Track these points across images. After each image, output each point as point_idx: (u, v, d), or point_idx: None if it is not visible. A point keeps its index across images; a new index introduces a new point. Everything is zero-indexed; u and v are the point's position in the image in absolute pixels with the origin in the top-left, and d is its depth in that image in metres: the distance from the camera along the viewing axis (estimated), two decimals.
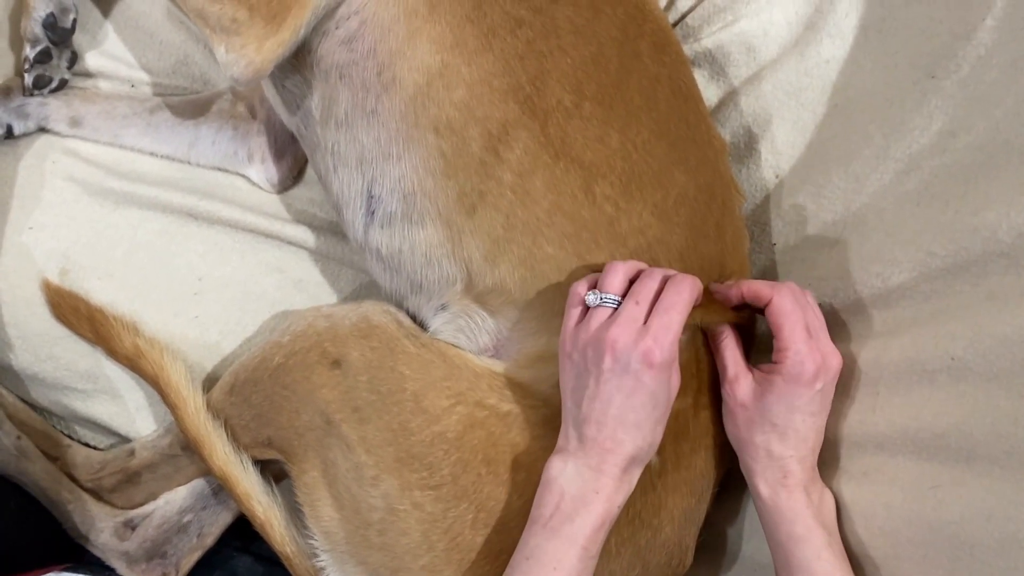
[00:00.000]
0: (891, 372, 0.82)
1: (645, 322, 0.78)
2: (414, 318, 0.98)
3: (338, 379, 0.90)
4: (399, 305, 0.98)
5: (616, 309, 0.80)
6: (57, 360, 1.05)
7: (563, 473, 0.80)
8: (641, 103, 0.89)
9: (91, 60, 1.14)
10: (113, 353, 1.02)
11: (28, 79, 1.07)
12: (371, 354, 0.90)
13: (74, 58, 1.10)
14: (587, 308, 0.82)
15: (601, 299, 0.81)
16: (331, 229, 1.12)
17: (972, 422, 0.73)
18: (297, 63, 0.94)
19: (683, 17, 1.06)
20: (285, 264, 1.11)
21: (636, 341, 0.77)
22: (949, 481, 0.74)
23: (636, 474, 0.81)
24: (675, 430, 0.86)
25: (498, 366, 0.92)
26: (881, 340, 0.85)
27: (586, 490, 0.78)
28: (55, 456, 1.06)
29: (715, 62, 1.05)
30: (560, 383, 0.84)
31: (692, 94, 0.94)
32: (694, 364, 0.87)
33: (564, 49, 0.88)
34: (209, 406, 0.98)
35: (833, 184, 0.93)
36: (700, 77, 1.06)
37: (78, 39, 1.11)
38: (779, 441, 0.81)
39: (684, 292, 0.79)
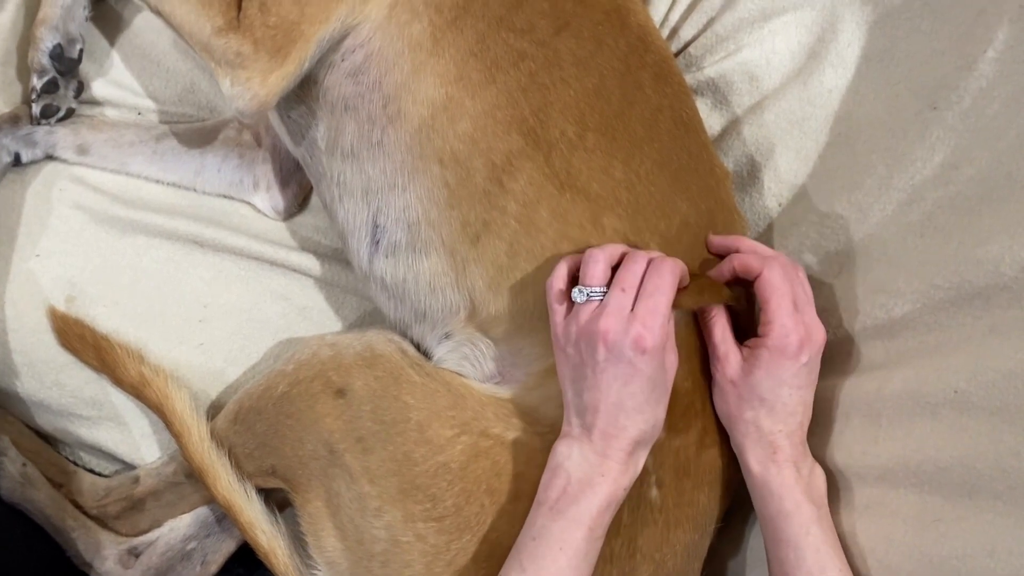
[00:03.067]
0: (894, 403, 0.82)
1: (632, 308, 0.79)
2: (418, 346, 0.98)
3: (342, 408, 0.90)
4: (403, 334, 0.99)
5: (602, 300, 0.80)
6: (63, 387, 1.06)
7: (569, 458, 0.80)
8: (644, 134, 0.89)
9: (98, 88, 1.14)
10: (118, 381, 1.03)
11: (36, 109, 1.08)
12: (375, 383, 0.91)
13: (81, 87, 1.11)
14: (570, 302, 0.83)
15: (588, 294, 0.81)
16: (336, 257, 1.13)
17: (975, 456, 0.73)
18: (303, 94, 0.95)
19: (686, 47, 1.06)
20: (290, 292, 1.12)
21: (626, 329, 0.78)
22: (952, 515, 0.74)
23: (642, 456, 0.82)
24: (676, 466, 0.86)
25: (504, 392, 0.93)
26: (884, 371, 0.85)
27: (592, 473, 0.79)
28: (60, 483, 1.06)
29: (718, 91, 1.05)
30: (558, 374, 0.85)
31: (694, 124, 0.95)
32: (699, 402, 0.87)
33: (567, 81, 0.89)
34: (213, 434, 0.98)
35: (836, 214, 0.93)
36: (703, 106, 1.06)
37: (85, 67, 1.12)
38: (768, 416, 0.82)
39: (666, 274, 0.80)
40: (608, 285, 0.81)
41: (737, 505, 0.93)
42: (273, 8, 0.87)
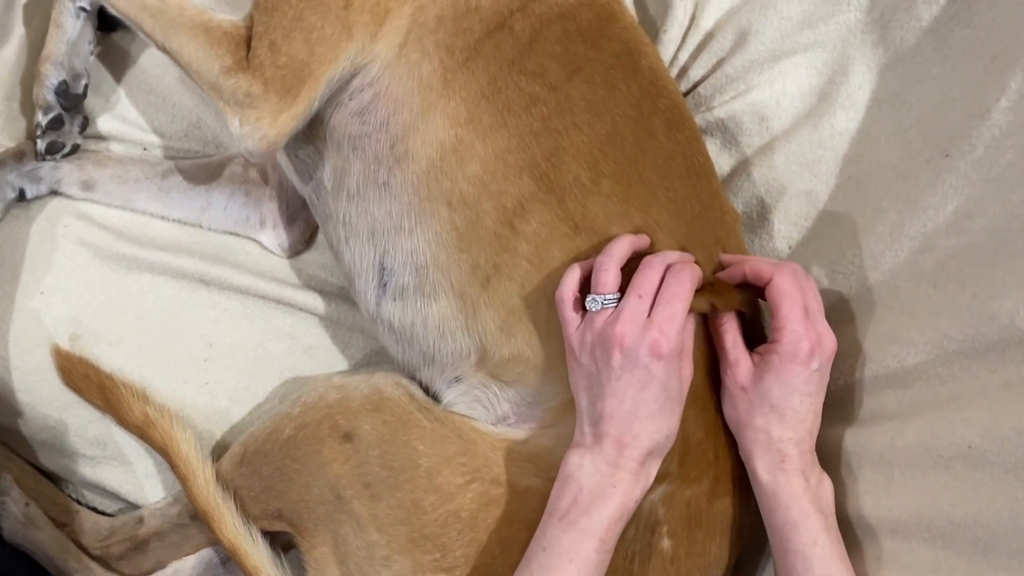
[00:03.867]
0: (906, 455, 0.82)
1: (649, 314, 0.79)
2: (427, 390, 0.97)
3: (349, 453, 0.90)
4: (412, 376, 0.98)
5: (616, 306, 0.80)
6: (67, 426, 1.05)
7: (580, 468, 0.80)
8: (657, 182, 0.89)
9: (104, 123, 1.14)
10: (123, 421, 1.02)
11: (40, 145, 1.07)
12: (383, 428, 0.90)
13: (86, 123, 1.10)
14: (584, 309, 0.83)
15: (602, 302, 0.81)
16: (342, 295, 1.12)
17: (990, 513, 0.72)
18: (310, 133, 0.94)
19: (695, 86, 1.06)
20: (296, 330, 1.11)
21: (642, 335, 0.78)
22: (965, 572, 0.73)
23: (654, 468, 0.81)
24: (688, 517, 0.86)
25: (518, 434, 0.92)
26: (896, 421, 0.84)
27: (604, 484, 0.79)
28: (63, 522, 1.06)
29: (727, 131, 1.05)
30: (571, 384, 0.84)
31: (705, 171, 0.94)
32: (712, 452, 0.87)
33: (579, 127, 0.88)
34: (219, 476, 0.97)
35: (847, 259, 0.93)
36: (712, 146, 1.06)
37: (90, 102, 1.12)
38: (778, 423, 0.82)
39: (685, 281, 0.80)
40: (620, 291, 0.81)
41: (747, 554, 0.92)
42: (283, 47, 0.87)
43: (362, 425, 0.90)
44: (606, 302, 0.81)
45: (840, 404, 0.91)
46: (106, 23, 1.10)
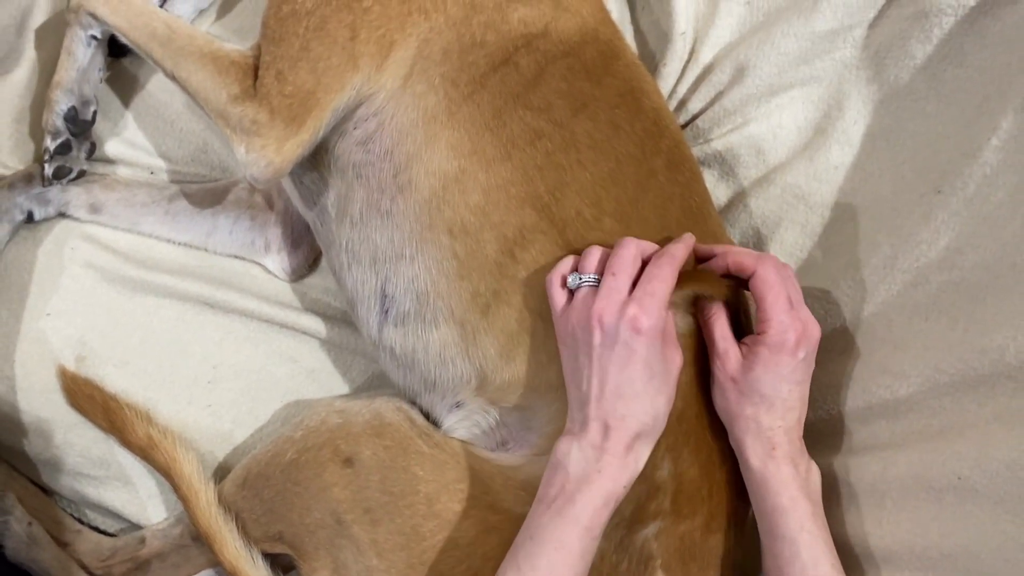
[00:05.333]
0: (898, 486, 0.83)
1: (631, 293, 0.80)
2: (427, 415, 0.98)
3: (350, 478, 0.91)
4: (412, 402, 0.99)
5: (595, 287, 0.82)
6: (71, 446, 1.06)
7: (568, 455, 0.81)
8: (656, 222, 0.90)
9: (111, 147, 1.15)
10: (126, 443, 1.03)
11: (48, 170, 1.09)
12: (384, 453, 0.91)
13: (93, 148, 1.12)
14: (571, 294, 0.84)
15: (581, 279, 0.83)
16: (344, 319, 1.14)
17: (980, 545, 0.74)
18: (314, 160, 0.96)
19: (693, 119, 1.08)
20: (298, 354, 1.13)
21: (620, 311, 0.79)
22: None
23: (642, 453, 0.82)
24: (682, 551, 0.86)
25: (515, 460, 0.93)
26: (888, 452, 0.86)
27: (589, 470, 0.79)
28: (65, 542, 1.07)
29: (724, 163, 1.07)
30: (563, 371, 0.86)
31: (702, 212, 0.96)
32: (706, 489, 0.88)
33: (583, 164, 0.90)
34: (221, 499, 0.98)
35: (841, 290, 0.94)
36: (710, 177, 1.08)
37: (99, 126, 1.13)
38: (767, 412, 0.83)
39: (665, 265, 0.81)
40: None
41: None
42: (290, 77, 0.88)
43: (363, 450, 0.92)
44: (584, 279, 0.82)
45: (833, 433, 0.92)
46: (116, 49, 1.11)
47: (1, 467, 1.08)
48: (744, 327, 0.91)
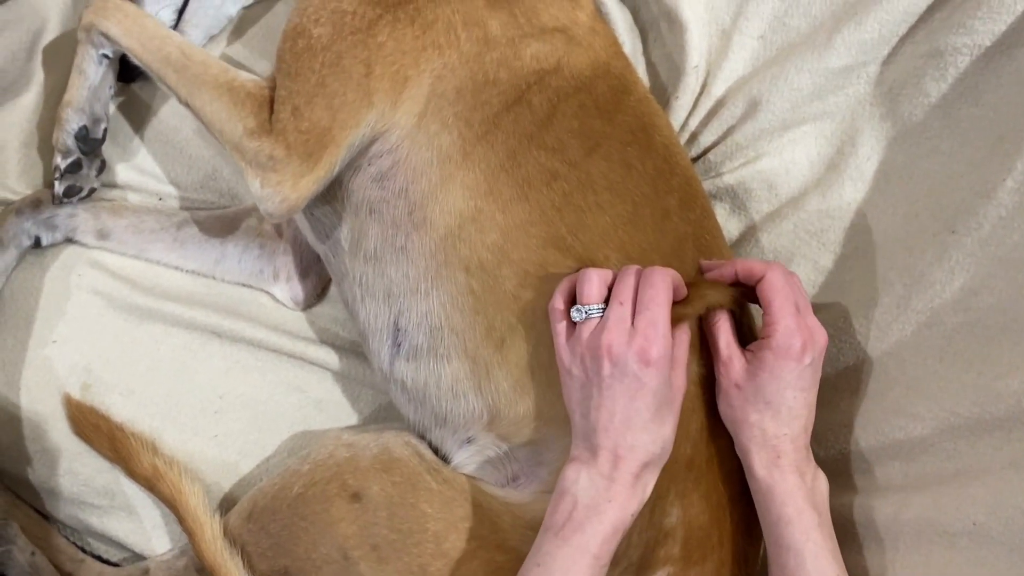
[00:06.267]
0: (911, 529, 0.83)
1: (632, 323, 0.79)
2: (437, 449, 0.98)
3: (357, 513, 0.90)
4: (422, 436, 0.98)
5: (601, 317, 0.81)
6: (75, 475, 1.06)
7: (576, 483, 0.80)
8: (675, 264, 0.89)
9: (121, 173, 1.15)
10: (131, 472, 1.02)
11: (59, 188, 1.08)
12: (392, 489, 0.90)
13: (103, 166, 1.11)
14: (573, 322, 0.83)
15: (586, 312, 0.82)
16: (352, 349, 1.13)
17: None
18: (328, 194, 0.95)
19: (705, 152, 1.08)
20: (306, 384, 1.12)
21: (629, 343, 0.78)
22: None
23: (650, 481, 0.81)
24: None
25: (525, 497, 0.92)
26: (901, 494, 0.85)
27: (599, 499, 0.78)
28: (69, 571, 1.06)
29: (736, 197, 1.06)
30: (564, 399, 0.85)
31: (715, 250, 0.95)
32: (716, 536, 0.87)
33: (602, 206, 0.89)
34: (226, 531, 0.97)
35: (853, 329, 0.94)
36: (721, 211, 1.07)
37: (109, 152, 1.13)
38: (773, 419, 0.82)
39: (657, 283, 0.80)
40: (606, 302, 0.82)
41: None
42: (306, 113, 0.88)
43: (371, 485, 0.91)
44: (590, 312, 0.82)
45: (845, 472, 0.91)
46: (125, 74, 1.11)
47: (4, 495, 1.08)
48: (748, 340, 0.89)
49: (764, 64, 1.02)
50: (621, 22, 1.08)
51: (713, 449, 0.88)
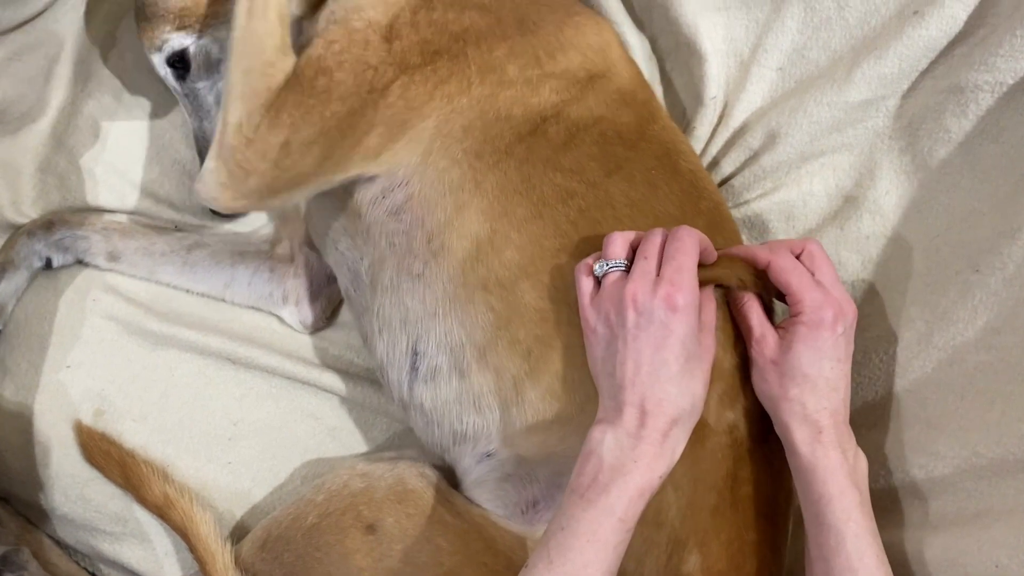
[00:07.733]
0: (933, 570, 0.82)
1: (658, 273, 0.78)
2: (453, 470, 0.97)
3: (372, 545, 0.89)
4: (440, 458, 0.97)
5: (625, 272, 0.80)
6: (87, 501, 1.05)
7: (602, 443, 0.77)
8: None
9: (136, 201, 1.15)
10: (142, 500, 1.02)
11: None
12: (407, 521, 0.90)
13: None
14: (597, 283, 0.82)
15: (608, 265, 0.81)
16: (366, 376, 1.13)
17: None
18: (350, 229, 0.95)
19: (724, 181, 1.07)
20: (320, 411, 1.12)
21: (654, 290, 0.77)
22: None
23: (679, 441, 0.78)
24: None
25: (536, 531, 0.90)
26: (922, 533, 0.85)
27: (624, 459, 0.76)
28: None
29: (754, 228, 1.06)
30: (589, 364, 0.83)
31: None
32: (740, 556, 0.86)
33: (621, 220, 0.88)
34: (238, 561, 0.96)
35: (874, 364, 0.93)
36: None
37: (123, 180, 1.14)
38: (812, 392, 0.81)
39: (684, 239, 0.79)
40: (629, 261, 0.81)
41: None
42: (296, 156, 0.87)
43: (386, 517, 0.90)
44: (612, 265, 0.81)
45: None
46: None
47: (17, 520, 1.07)
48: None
49: (783, 96, 1.02)
50: (639, 51, 1.08)
51: (737, 495, 0.87)
